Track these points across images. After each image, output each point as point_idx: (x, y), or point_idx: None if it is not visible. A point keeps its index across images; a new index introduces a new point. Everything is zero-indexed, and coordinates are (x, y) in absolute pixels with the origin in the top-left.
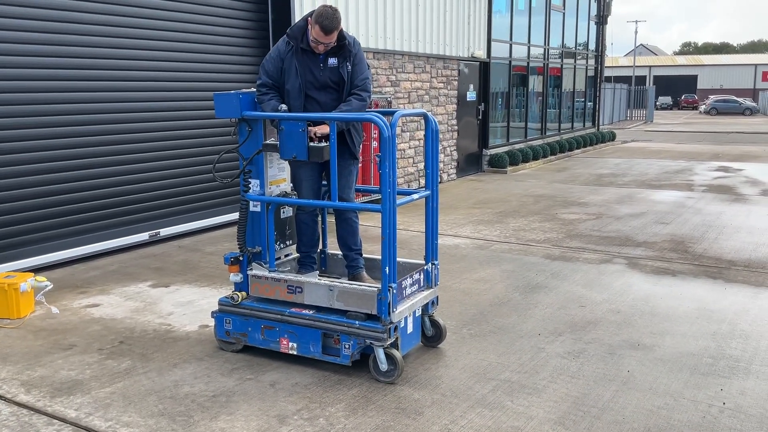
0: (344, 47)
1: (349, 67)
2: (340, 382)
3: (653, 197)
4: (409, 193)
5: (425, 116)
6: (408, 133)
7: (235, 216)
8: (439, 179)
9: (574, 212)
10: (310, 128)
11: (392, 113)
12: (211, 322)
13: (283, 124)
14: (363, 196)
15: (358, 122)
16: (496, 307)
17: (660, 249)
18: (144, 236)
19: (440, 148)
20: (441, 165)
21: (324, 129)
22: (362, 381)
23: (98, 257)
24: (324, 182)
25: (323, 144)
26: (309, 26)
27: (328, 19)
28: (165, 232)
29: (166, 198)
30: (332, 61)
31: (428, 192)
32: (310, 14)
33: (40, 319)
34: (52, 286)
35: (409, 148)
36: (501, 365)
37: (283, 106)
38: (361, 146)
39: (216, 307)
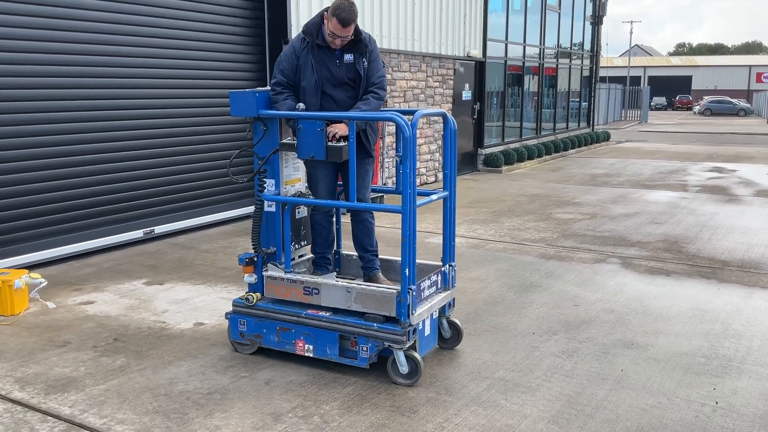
0: (360, 42)
1: (366, 64)
2: (334, 380)
3: (647, 197)
4: (427, 194)
5: (444, 116)
6: None
7: (230, 214)
8: (434, 178)
9: (568, 212)
10: (328, 128)
11: (412, 113)
12: (206, 320)
13: (301, 123)
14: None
15: (374, 121)
16: (490, 306)
17: (654, 249)
18: (139, 234)
19: (436, 147)
20: (436, 164)
21: (344, 130)
22: (357, 379)
23: (93, 254)
24: (339, 182)
25: (342, 143)
26: (325, 21)
27: (345, 11)
28: (160, 229)
29: (161, 195)
30: (348, 57)
31: (446, 193)
32: (326, 9)
33: (35, 316)
34: (46, 283)
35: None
36: (495, 364)
37: (301, 105)
38: (375, 144)
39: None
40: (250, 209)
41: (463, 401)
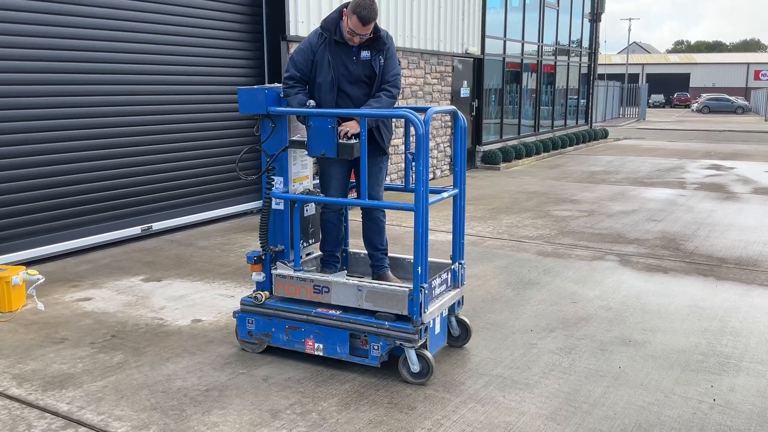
0: (378, 39)
1: (382, 61)
2: (332, 377)
3: (645, 195)
4: (438, 192)
5: (455, 113)
6: (402, 128)
7: (227, 210)
8: (432, 175)
9: (566, 209)
10: (339, 126)
11: (424, 110)
12: (204, 317)
13: (311, 120)
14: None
15: (388, 118)
16: (488, 303)
17: (652, 246)
18: (136, 230)
19: (433, 144)
20: (434, 161)
21: (356, 127)
22: (355, 376)
23: (90, 251)
24: (352, 180)
25: (353, 141)
26: (344, 18)
27: (366, 9)
28: (157, 226)
29: (159, 192)
30: (365, 54)
31: (456, 190)
32: (345, 5)
33: (32, 312)
34: (43, 279)
35: (402, 144)
36: (493, 361)
37: (311, 102)
38: (390, 141)
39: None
40: (249, 206)
41: (461, 398)
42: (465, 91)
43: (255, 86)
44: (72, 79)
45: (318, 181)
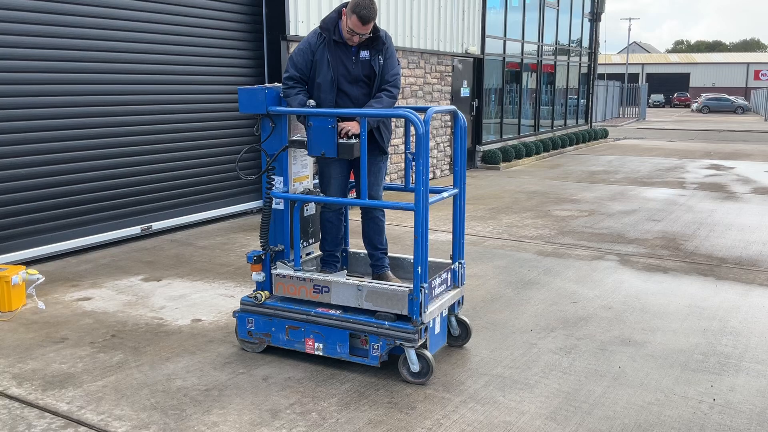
0: (377, 39)
1: (381, 61)
2: (332, 376)
3: (645, 194)
4: (438, 191)
5: (455, 113)
6: (402, 128)
7: (227, 210)
8: (432, 175)
9: (566, 209)
10: (339, 125)
11: (424, 110)
12: (204, 317)
13: (311, 120)
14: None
15: (388, 118)
16: (488, 303)
17: (652, 246)
18: (136, 230)
19: (433, 144)
20: (434, 161)
21: (356, 127)
22: (355, 376)
23: (90, 251)
24: (351, 180)
25: (353, 141)
26: (343, 17)
27: (365, 8)
28: (157, 225)
29: (159, 192)
30: (364, 53)
31: (456, 190)
32: (344, 5)
33: (32, 312)
34: (43, 279)
35: (402, 144)
36: (493, 360)
37: (312, 102)
38: (390, 141)
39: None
40: (249, 206)
41: (461, 398)
42: (465, 91)
43: (255, 86)
44: (72, 79)
45: (318, 180)
